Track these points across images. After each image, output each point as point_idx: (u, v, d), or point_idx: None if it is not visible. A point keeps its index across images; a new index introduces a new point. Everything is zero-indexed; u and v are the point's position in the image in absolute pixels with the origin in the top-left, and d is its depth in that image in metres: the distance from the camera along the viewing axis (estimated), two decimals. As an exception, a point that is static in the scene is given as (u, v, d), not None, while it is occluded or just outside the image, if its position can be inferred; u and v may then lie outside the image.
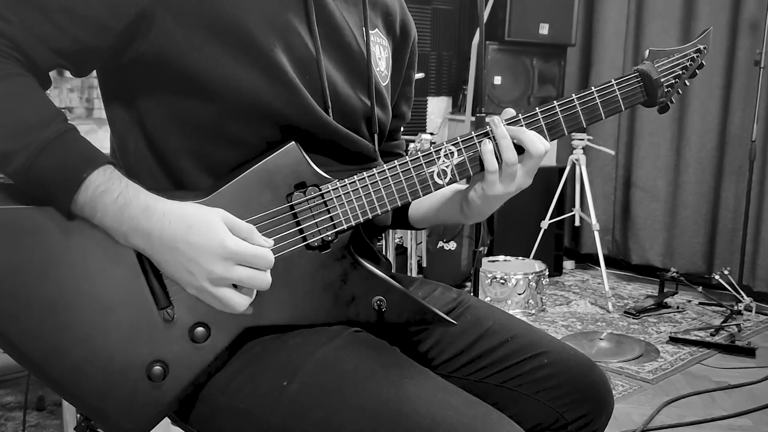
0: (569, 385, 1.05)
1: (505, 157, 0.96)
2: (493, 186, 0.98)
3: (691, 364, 2.77)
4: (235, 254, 0.84)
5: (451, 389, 0.89)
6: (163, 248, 0.85)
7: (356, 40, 1.04)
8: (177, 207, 0.86)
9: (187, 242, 0.84)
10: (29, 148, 0.82)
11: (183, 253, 0.84)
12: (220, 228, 0.85)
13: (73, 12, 0.86)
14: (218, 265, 0.84)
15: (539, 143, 0.96)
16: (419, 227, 1.20)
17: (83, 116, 2.91)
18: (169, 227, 0.84)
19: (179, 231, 0.84)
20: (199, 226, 0.84)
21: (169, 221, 0.84)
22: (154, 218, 0.84)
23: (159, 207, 0.85)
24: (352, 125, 1.02)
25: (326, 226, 0.94)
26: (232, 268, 0.84)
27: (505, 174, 0.97)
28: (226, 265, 0.84)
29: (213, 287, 0.85)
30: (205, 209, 0.86)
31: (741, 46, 3.55)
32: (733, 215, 3.65)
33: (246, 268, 0.85)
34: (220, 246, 0.84)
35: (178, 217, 0.85)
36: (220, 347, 0.91)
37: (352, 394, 0.86)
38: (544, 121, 0.98)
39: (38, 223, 0.85)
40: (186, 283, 0.86)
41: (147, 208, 0.84)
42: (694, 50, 1.03)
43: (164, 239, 0.84)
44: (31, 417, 2.18)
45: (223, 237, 0.84)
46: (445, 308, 1.12)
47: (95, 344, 0.87)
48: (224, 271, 0.84)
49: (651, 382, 2.59)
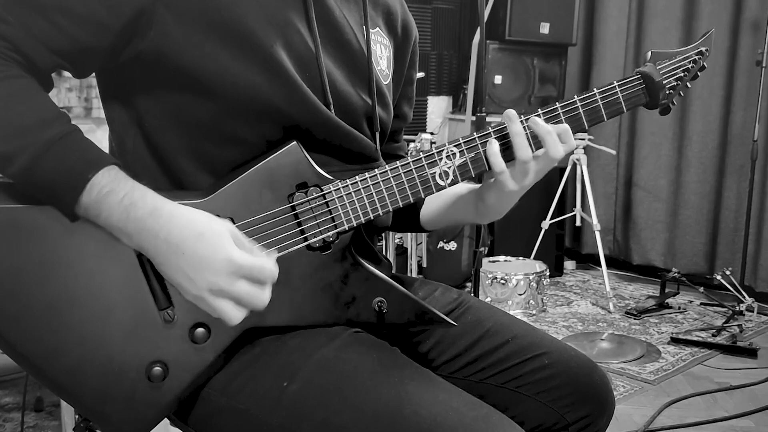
0: (570, 385, 1.06)
1: (519, 154, 0.96)
2: (506, 184, 0.98)
3: (693, 364, 2.77)
4: (240, 268, 0.84)
5: (452, 390, 0.89)
6: (168, 251, 0.84)
7: (356, 38, 1.04)
8: (186, 212, 0.85)
9: (194, 250, 0.83)
10: (31, 150, 0.81)
11: (188, 259, 0.84)
12: (228, 241, 0.84)
13: (72, 12, 0.86)
14: (222, 278, 0.83)
15: (560, 147, 0.96)
16: (431, 229, 1.20)
17: (82, 116, 2.91)
18: (176, 232, 0.84)
19: (187, 237, 0.84)
20: (208, 236, 0.84)
21: (177, 226, 0.84)
22: (161, 221, 0.84)
23: (167, 209, 0.85)
24: (354, 123, 1.02)
25: (327, 227, 0.94)
26: (234, 283, 0.84)
27: (519, 171, 0.97)
28: (230, 279, 0.84)
29: (212, 298, 0.84)
30: (214, 219, 0.86)
31: (743, 46, 3.55)
32: (735, 215, 3.65)
33: (247, 285, 0.85)
34: (227, 260, 0.83)
35: (187, 222, 0.84)
36: (220, 348, 0.91)
37: (352, 395, 0.86)
38: (546, 123, 0.98)
39: (38, 223, 0.85)
40: (185, 288, 0.86)
41: (154, 210, 0.84)
42: (696, 52, 1.03)
43: (170, 242, 0.84)
44: (30, 418, 2.18)
45: (231, 251, 0.84)
46: (446, 309, 1.12)
47: (94, 345, 0.87)
48: (226, 284, 0.84)
49: (652, 383, 2.59)
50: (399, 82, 1.19)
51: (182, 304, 0.88)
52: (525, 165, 0.96)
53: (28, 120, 0.83)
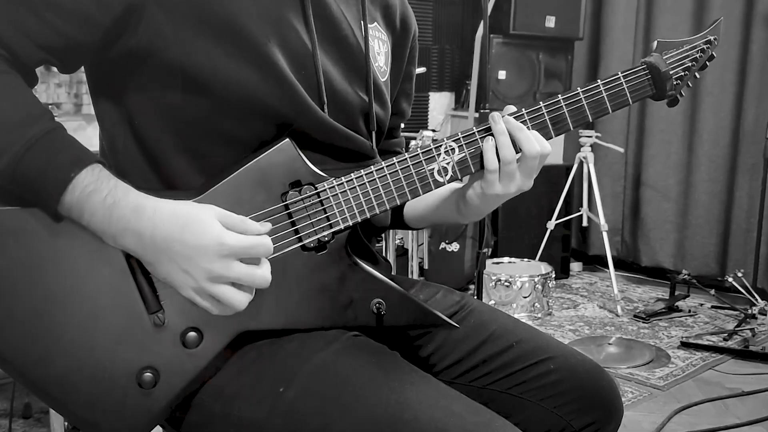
0: (577, 391, 1.05)
1: (502, 154, 0.96)
2: (493, 185, 0.97)
3: (704, 370, 2.77)
4: (233, 249, 0.84)
5: (453, 395, 0.89)
6: (156, 249, 0.84)
7: (354, 33, 1.04)
8: (168, 205, 0.85)
9: (182, 242, 0.83)
10: (14, 148, 0.81)
11: (178, 252, 0.83)
12: (215, 225, 0.84)
13: (59, 6, 0.85)
14: (216, 263, 0.83)
15: (535, 143, 0.96)
16: (415, 227, 1.20)
17: (71, 112, 2.91)
18: (161, 227, 0.84)
19: (173, 230, 0.84)
20: (193, 224, 0.84)
21: (161, 220, 0.84)
22: (144, 218, 0.84)
23: (149, 206, 0.85)
24: (350, 122, 1.02)
25: (322, 226, 0.94)
26: (231, 265, 0.84)
27: (504, 173, 0.97)
28: (225, 262, 0.84)
29: (212, 286, 0.84)
30: (197, 206, 0.86)
31: (755, 40, 3.54)
32: (747, 215, 3.65)
33: (245, 266, 0.85)
34: (218, 243, 0.83)
35: (171, 216, 0.84)
36: (213, 353, 0.90)
37: (351, 400, 0.86)
38: (548, 115, 0.98)
39: (23, 225, 0.85)
40: (181, 284, 0.85)
41: (137, 208, 0.84)
42: (705, 41, 1.03)
43: (156, 239, 0.84)
44: (17, 425, 2.18)
45: (220, 234, 0.84)
46: (448, 312, 1.12)
47: (82, 351, 0.86)
48: (223, 268, 0.83)
49: (662, 389, 2.59)
50: (397, 78, 1.19)
51: (173, 307, 0.88)
52: (508, 166, 0.96)
53: (10, 117, 0.83)
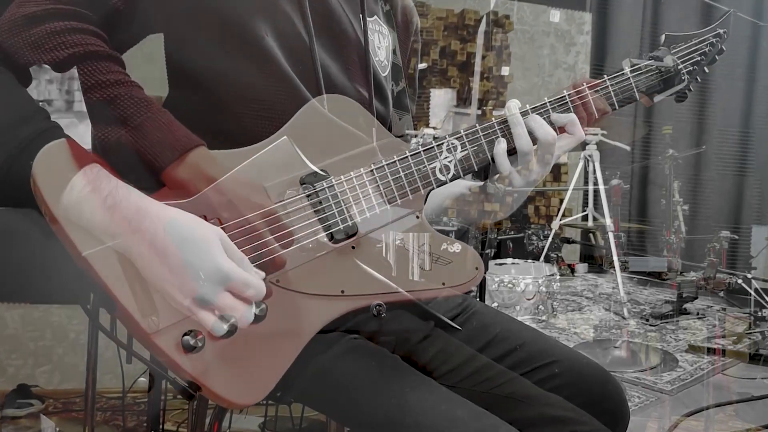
0: (582, 396, 1.05)
1: (518, 145, 0.97)
2: (514, 181, 0.99)
3: (712, 374, 2.77)
4: (227, 277, 0.82)
5: (455, 400, 0.89)
6: (152, 254, 0.83)
7: (353, 27, 1.03)
8: (173, 213, 0.85)
9: (179, 255, 0.82)
10: (7, 148, 0.81)
11: (172, 264, 0.83)
12: (216, 248, 0.83)
13: None
14: (206, 287, 0.82)
15: (549, 129, 0.97)
16: None
17: (63, 109, 2.91)
18: (162, 234, 0.83)
19: (172, 240, 0.83)
20: (195, 241, 0.83)
21: (162, 227, 0.83)
22: (146, 221, 0.83)
23: (152, 210, 0.84)
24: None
25: (320, 227, 0.93)
26: (219, 293, 0.83)
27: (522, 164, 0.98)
28: (215, 288, 0.82)
29: (194, 307, 0.83)
30: (204, 224, 0.85)
31: (766, 36, 3.54)
32: (757, 215, 3.64)
33: (232, 299, 0.83)
34: (214, 267, 0.82)
35: (173, 225, 0.83)
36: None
37: (350, 406, 0.86)
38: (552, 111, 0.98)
39: (15, 226, 0.85)
40: (168, 294, 0.84)
41: (138, 211, 0.83)
42: (714, 35, 1.03)
43: (155, 245, 0.83)
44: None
45: (219, 259, 0.82)
46: (449, 314, 1.12)
47: None
48: (210, 293, 0.82)
49: (669, 394, 2.59)
50: (398, 72, 1.18)
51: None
52: (526, 157, 0.97)
53: (4, 117, 0.83)
